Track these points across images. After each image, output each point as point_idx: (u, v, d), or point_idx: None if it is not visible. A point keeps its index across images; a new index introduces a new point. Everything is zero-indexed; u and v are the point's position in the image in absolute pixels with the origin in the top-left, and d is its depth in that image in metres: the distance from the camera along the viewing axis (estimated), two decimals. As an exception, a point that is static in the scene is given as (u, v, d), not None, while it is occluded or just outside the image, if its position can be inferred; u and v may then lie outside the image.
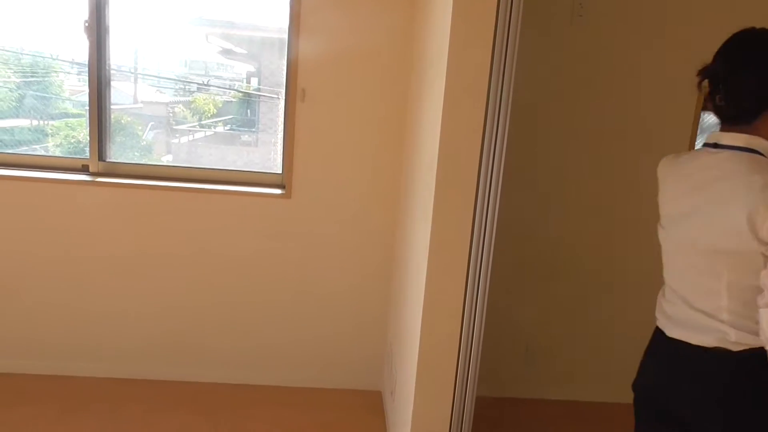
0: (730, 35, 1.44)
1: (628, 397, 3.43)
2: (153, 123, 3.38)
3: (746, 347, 1.34)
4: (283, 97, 2.96)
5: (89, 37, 2.85)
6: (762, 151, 1.35)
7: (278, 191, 2.94)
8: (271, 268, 3.01)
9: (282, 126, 3.01)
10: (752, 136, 1.36)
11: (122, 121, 3.21)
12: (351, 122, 2.90)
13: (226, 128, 3.55)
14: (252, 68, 3.63)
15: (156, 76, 3.38)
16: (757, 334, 1.30)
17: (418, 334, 2.20)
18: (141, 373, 3.07)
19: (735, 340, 1.34)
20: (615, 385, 3.30)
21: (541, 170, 3.04)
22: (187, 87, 3.43)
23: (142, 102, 3.33)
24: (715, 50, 1.45)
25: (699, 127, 3.07)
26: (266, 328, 3.07)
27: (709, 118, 3.14)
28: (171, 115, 3.38)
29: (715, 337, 1.37)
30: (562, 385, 3.28)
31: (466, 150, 2.04)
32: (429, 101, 2.31)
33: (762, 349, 1.29)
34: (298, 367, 3.13)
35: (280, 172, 2.98)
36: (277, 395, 3.06)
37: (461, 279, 2.14)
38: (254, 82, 3.60)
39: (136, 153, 3.25)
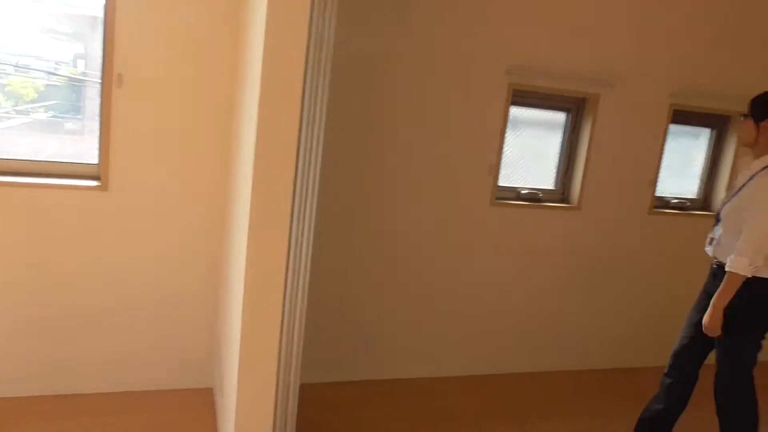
0: None
1: (455, 370, 3.67)
2: (-49, 108, 3.02)
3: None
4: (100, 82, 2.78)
5: None
6: None
7: (93, 183, 2.77)
8: (87, 267, 2.83)
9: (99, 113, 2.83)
10: None
11: None
12: (175, 111, 2.81)
13: (49, 115, 3.27)
14: (79, 50, 3.37)
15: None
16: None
17: (239, 329, 2.21)
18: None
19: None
20: (443, 360, 3.53)
21: (366, 161, 3.15)
22: (1, 68, 3.10)
23: (-60, 83, 2.96)
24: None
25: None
26: (85, 333, 2.89)
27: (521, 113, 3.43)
28: (-24, 99, 3.04)
29: None
30: (396, 365, 3.45)
31: (284, 143, 2.07)
32: (249, 94, 2.30)
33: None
34: (125, 370, 2.98)
35: (96, 162, 2.81)
36: (106, 402, 2.90)
37: (281, 270, 2.17)
38: (81, 65, 3.35)
39: (-72, 141, 2.89)
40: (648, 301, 3.88)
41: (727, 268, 2.51)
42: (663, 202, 3.88)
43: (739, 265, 2.48)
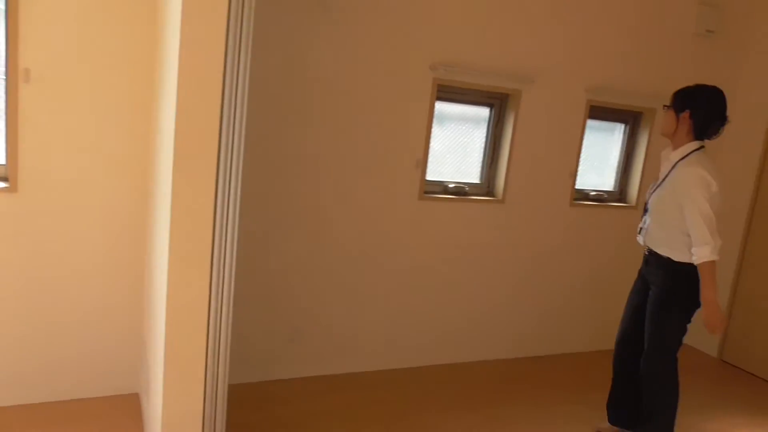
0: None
1: (387, 363, 3.69)
2: None
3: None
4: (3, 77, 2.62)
5: None
6: None
7: (1, 185, 2.60)
8: (-3, 272, 2.66)
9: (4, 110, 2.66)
10: None
11: None
12: (88, 107, 2.68)
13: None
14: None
15: None
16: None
17: (163, 332, 2.13)
18: None
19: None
20: (375, 354, 3.55)
21: (293, 156, 3.12)
22: None
23: None
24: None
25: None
26: (2, 343, 2.72)
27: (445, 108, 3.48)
28: None
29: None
30: (328, 361, 3.43)
31: (204, 139, 2.01)
32: (167, 89, 2.23)
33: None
34: (47, 380, 2.82)
35: (4, 162, 2.64)
36: (28, 414, 2.74)
37: (205, 269, 2.12)
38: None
39: None
40: (571, 289, 4.04)
41: (696, 262, 2.60)
42: (583, 195, 4.05)
43: (703, 253, 2.56)
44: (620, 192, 4.19)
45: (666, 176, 2.73)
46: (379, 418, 3.05)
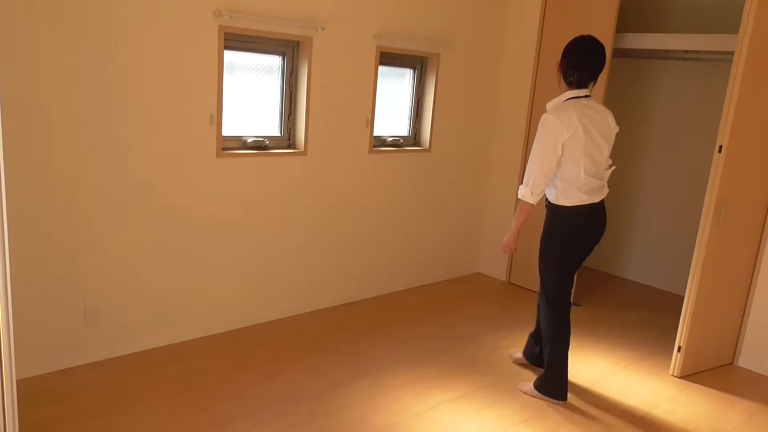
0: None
1: (198, 331, 3.52)
2: None
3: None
4: None
5: None
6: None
7: None
8: None
9: None
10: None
11: None
12: None
13: None
14: None
15: None
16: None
17: None
18: None
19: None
20: (184, 324, 3.36)
21: (70, 119, 2.74)
22: None
23: None
24: None
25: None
26: None
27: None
28: None
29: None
30: (131, 339, 3.16)
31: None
32: None
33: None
34: None
35: None
36: None
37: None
38: None
39: None
40: (374, 234, 4.19)
41: (518, 196, 2.87)
42: (380, 141, 4.17)
43: (521, 193, 2.87)
44: (414, 136, 4.40)
45: None
46: (196, 388, 2.90)
